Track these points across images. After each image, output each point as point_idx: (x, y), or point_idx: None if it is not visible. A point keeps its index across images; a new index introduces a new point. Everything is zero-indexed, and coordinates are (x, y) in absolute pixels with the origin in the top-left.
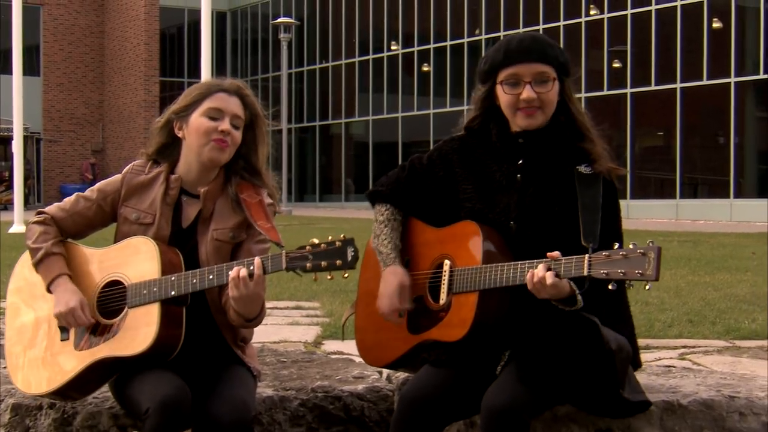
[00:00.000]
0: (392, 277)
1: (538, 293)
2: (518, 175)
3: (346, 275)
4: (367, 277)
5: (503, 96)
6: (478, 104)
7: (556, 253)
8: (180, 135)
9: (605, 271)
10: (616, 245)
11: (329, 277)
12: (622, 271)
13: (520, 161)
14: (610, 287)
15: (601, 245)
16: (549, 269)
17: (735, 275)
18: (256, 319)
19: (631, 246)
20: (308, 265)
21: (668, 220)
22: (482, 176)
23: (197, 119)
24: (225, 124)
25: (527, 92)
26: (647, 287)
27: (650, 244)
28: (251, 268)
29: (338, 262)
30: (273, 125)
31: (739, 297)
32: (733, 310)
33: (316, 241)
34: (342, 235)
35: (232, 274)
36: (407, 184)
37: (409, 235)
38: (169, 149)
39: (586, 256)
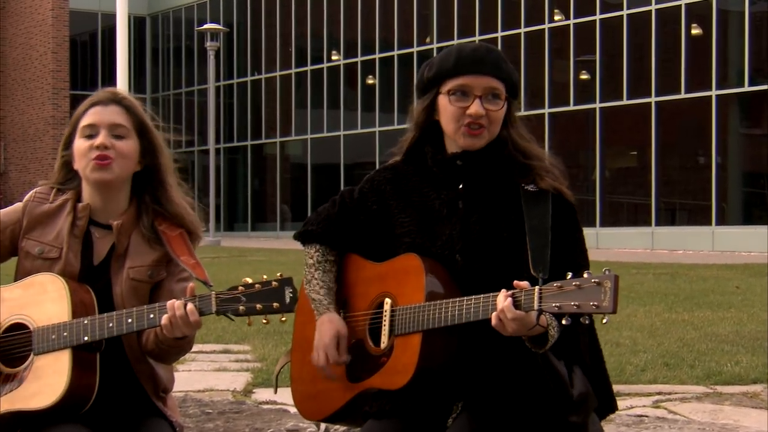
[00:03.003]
0: (327, 327)
1: (502, 329)
2: (459, 202)
3: (283, 319)
4: (303, 321)
5: (447, 108)
6: (417, 120)
7: (525, 283)
8: (75, 167)
9: (557, 304)
10: (569, 274)
11: (264, 321)
12: (576, 303)
13: (461, 186)
14: (563, 322)
15: (555, 275)
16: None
17: (717, 312)
18: (183, 348)
19: (585, 275)
20: (241, 308)
21: (643, 250)
22: (420, 206)
23: (77, 144)
24: (100, 138)
25: (476, 107)
26: (604, 321)
27: (606, 272)
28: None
29: (275, 304)
30: (199, 145)
31: (721, 337)
32: (715, 351)
33: (249, 280)
34: (279, 274)
35: (163, 320)
36: (339, 222)
37: (346, 272)
38: (72, 177)
39: (536, 288)
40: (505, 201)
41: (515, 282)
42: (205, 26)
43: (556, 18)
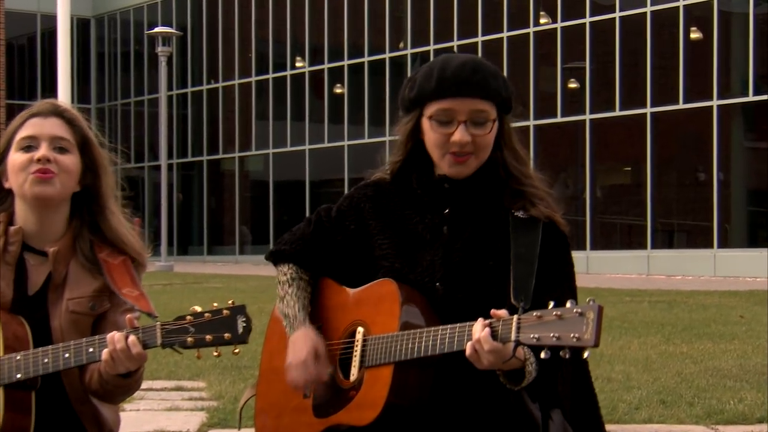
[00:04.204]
0: (303, 341)
1: (477, 361)
2: (444, 228)
3: (236, 351)
4: (271, 350)
5: (430, 134)
6: (403, 141)
7: (503, 312)
8: (7, 186)
9: (536, 336)
10: (551, 303)
11: (216, 353)
12: (556, 335)
13: (447, 210)
14: (542, 356)
15: (537, 305)
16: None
17: (718, 344)
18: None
19: (568, 305)
20: (189, 339)
21: (637, 275)
22: (401, 229)
23: (12, 158)
24: (42, 151)
25: (460, 134)
26: (585, 355)
27: (590, 303)
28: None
29: (227, 335)
30: (150, 160)
31: (724, 371)
32: (716, 387)
33: (198, 309)
34: (231, 302)
35: (103, 354)
36: (314, 242)
37: (319, 298)
38: (2, 197)
39: (515, 317)
40: (493, 228)
41: (492, 311)
42: (156, 29)
43: (542, 21)
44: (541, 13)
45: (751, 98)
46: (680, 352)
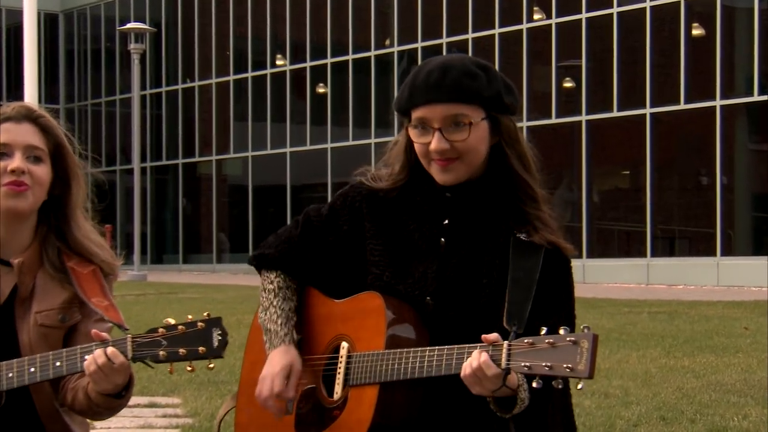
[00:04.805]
0: (279, 357)
1: (472, 386)
2: (441, 239)
3: (211, 366)
4: (253, 361)
5: (414, 144)
6: (401, 153)
7: (494, 336)
8: None
9: (527, 364)
10: (543, 330)
11: (189, 368)
12: (548, 364)
13: (446, 221)
14: (534, 385)
15: (531, 331)
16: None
17: (722, 357)
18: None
19: (561, 332)
20: (162, 353)
21: (636, 285)
22: (396, 236)
23: None
24: (16, 161)
25: (436, 142)
26: (579, 386)
27: (585, 331)
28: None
29: (201, 349)
30: (122, 164)
31: (727, 386)
32: (719, 403)
33: (172, 321)
34: (206, 314)
35: (87, 373)
36: (302, 245)
37: (303, 307)
38: None
39: (505, 342)
40: (493, 245)
41: (483, 336)
42: (129, 25)
43: (536, 17)
44: (535, 8)
45: (756, 98)
46: (681, 366)
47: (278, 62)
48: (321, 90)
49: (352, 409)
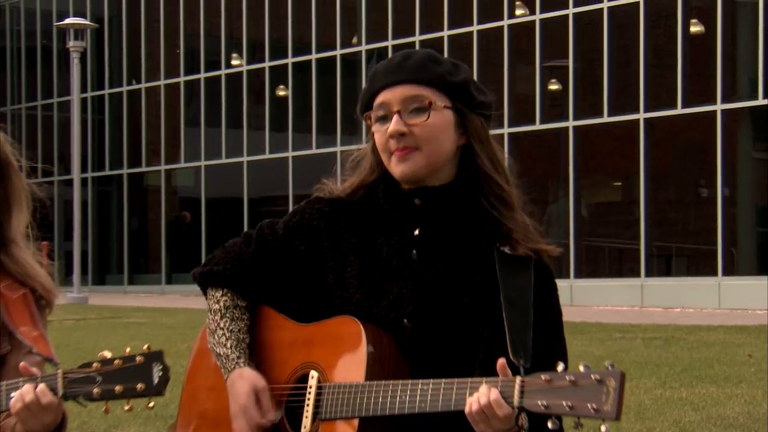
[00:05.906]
0: (239, 385)
1: (477, 423)
2: (414, 251)
3: (151, 404)
4: (196, 388)
5: (376, 138)
6: (369, 153)
7: (502, 364)
8: None
9: (544, 403)
10: (560, 365)
11: (127, 407)
12: (569, 404)
13: (416, 231)
14: (550, 425)
15: (536, 361)
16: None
17: (723, 388)
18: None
19: (581, 369)
20: (95, 390)
21: (629, 307)
22: (363, 252)
23: None
24: None
25: (393, 125)
26: (603, 429)
27: (609, 368)
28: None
29: (139, 386)
30: (60, 174)
31: (729, 420)
32: None
33: (108, 355)
34: (146, 346)
35: (14, 413)
36: (254, 264)
37: (260, 331)
38: None
39: (518, 378)
40: (472, 259)
41: (500, 363)
42: (68, 21)
43: (518, 12)
44: (517, 2)
45: (760, 101)
46: (678, 398)
47: (234, 62)
48: (281, 93)
49: None
